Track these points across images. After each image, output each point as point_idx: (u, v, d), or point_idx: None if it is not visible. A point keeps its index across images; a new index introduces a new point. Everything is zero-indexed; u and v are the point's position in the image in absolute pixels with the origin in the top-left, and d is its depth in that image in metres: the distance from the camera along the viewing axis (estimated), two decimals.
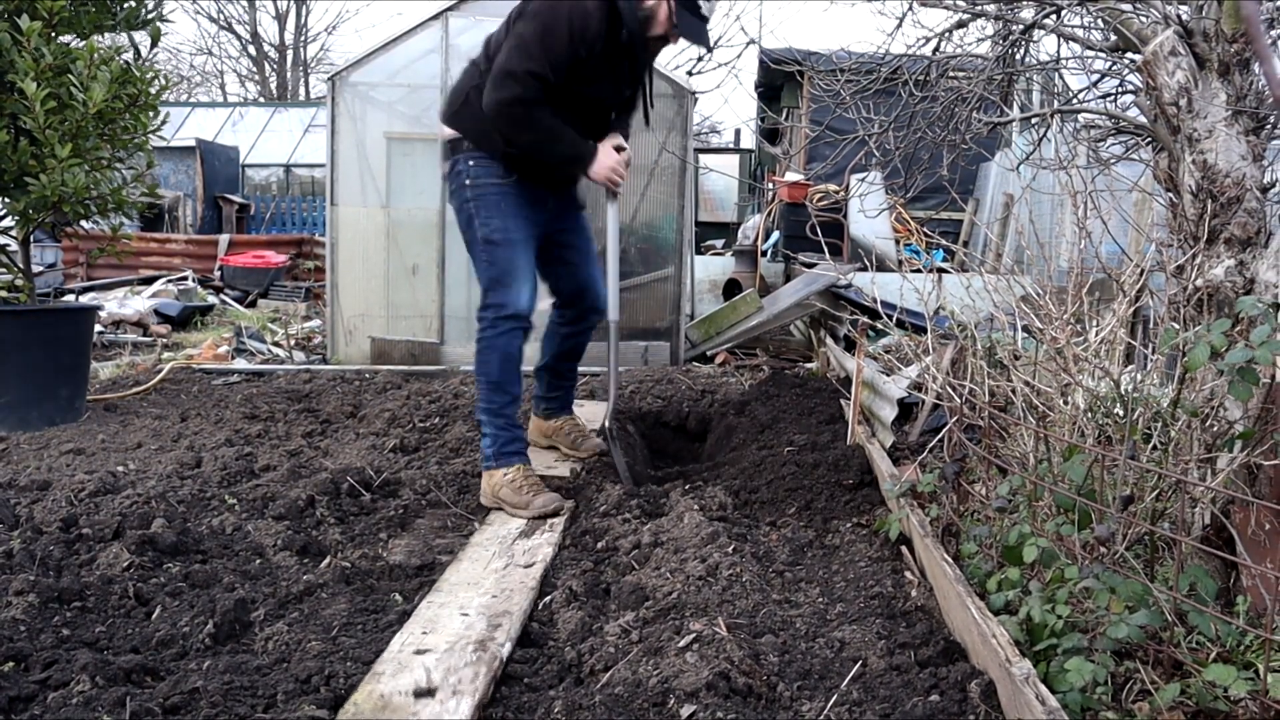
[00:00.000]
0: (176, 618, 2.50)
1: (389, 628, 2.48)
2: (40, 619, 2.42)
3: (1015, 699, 1.89)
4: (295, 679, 2.14)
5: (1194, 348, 2.12)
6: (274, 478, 3.77)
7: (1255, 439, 2.27)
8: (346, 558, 3.01)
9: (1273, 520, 2.24)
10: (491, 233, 3.51)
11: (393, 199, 7.62)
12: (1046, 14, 3.51)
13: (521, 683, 2.25)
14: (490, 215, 3.51)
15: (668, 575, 2.72)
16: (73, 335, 5.27)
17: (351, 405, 5.32)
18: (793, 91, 13.15)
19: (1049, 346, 2.85)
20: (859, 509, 3.37)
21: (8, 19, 4.79)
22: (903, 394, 4.18)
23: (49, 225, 5.55)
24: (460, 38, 7.66)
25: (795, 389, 5.47)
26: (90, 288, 12.01)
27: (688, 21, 3.50)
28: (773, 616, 2.50)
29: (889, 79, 4.46)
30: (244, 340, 8.54)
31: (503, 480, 3.49)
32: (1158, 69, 2.71)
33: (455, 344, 7.70)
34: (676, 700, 2.02)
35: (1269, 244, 2.55)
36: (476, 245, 3.55)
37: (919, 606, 2.54)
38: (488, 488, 3.55)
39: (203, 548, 3.02)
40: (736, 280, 9.57)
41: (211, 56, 45.26)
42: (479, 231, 3.52)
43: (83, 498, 3.37)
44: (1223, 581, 2.37)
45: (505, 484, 3.48)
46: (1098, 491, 2.32)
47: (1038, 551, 2.29)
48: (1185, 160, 2.70)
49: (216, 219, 19.17)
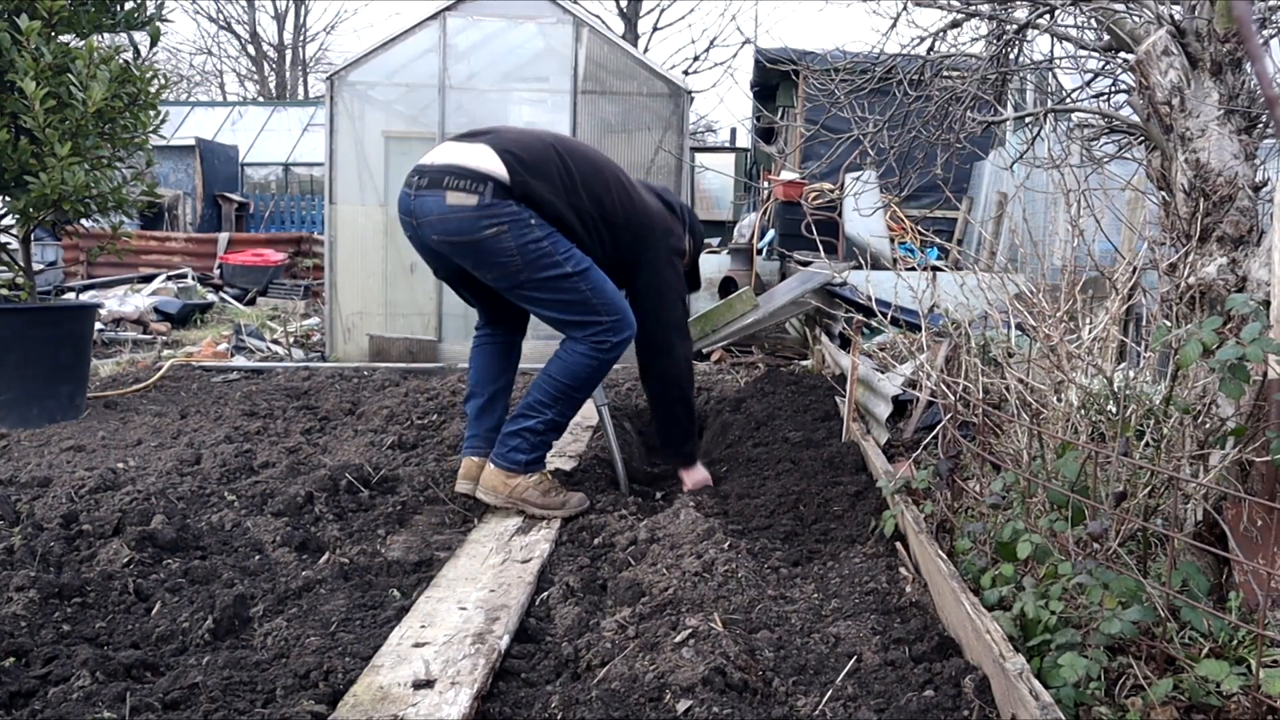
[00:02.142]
0: (176, 613, 2.51)
1: (387, 623, 2.50)
2: (41, 614, 2.43)
3: (1009, 694, 1.91)
4: (294, 674, 2.15)
5: (1186, 345, 2.13)
6: (273, 474, 3.78)
7: (1247, 436, 2.28)
8: (345, 554, 3.03)
9: (1264, 516, 2.25)
10: (579, 263, 3.45)
11: (391, 197, 7.64)
12: (1040, 14, 3.52)
13: (519, 678, 2.26)
14: (568, 250, 3.43)
15: (664, 571, 2.73)
16: (73, 333, 5.28)
17: (350, 402, 5.33)
18: (788, 91, 13.17)
19: (1043, 344, 2.86)
20: (854, 505, 3.38)
21: (7, 18, 4.80)
22: (897, 391, 4.20)
23: (49, 223, 5.56)
24: (458, 37, 7.68)
25: (790, 386, 5.49)
26: (90, 285, 12.03)
27: None
28: (768, 612, 2.51)
29: (884, 78, 4.48)
30: (243, 338, 8.56)
31: (529, 483, 3.50)
32: (1150, 68, 2.73)
33: (453, 341, 7.72)
34: (673, 695, 2.03)
35: (1261, 242, 2.56)
36: (565, 280, 3.43)
37: (913, 602, 2.55)
38: (504, 490, 3.50)
39: (202, 544, 3.04)
40: (732, 278, 9.58)
41: (211, 56, 45.31)
42: (567, 266, 3.42)
43: (83, 494, 3.38)
44: (1215, 577, 2.38)
45: (532, 486, 3.49)
46: (1091, 488, 2.33)
47: (1031, 548, 2.30)
48: (1178, 159, 2.71)
49: (216, 217, 19.19)
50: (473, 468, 3.65)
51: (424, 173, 3.42)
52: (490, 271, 3.43)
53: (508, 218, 3.33)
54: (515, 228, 3.33)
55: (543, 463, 3.61)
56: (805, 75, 8.24)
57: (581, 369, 3.51)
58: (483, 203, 3.32)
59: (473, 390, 3.84)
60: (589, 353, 3.50)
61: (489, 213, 3.32)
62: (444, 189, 3.34)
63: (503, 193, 3.34)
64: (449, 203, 3.33)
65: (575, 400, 3.58)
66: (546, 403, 3.53)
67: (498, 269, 3.40)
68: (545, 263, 3.39)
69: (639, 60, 8.03)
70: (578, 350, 3.51)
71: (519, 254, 3.36)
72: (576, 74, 7.80)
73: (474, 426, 3.78)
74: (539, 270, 3.39)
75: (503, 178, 3.33)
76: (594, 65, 7.85)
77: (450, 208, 3.33)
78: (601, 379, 3.63)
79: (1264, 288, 2.43)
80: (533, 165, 3.41)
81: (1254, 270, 2.52)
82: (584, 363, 3.50)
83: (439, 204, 3.35)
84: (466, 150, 3.41)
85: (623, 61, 7.93)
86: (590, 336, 3.50)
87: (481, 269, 3.44)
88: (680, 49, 59.64)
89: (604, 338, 3.49)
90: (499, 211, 3.32)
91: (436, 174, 3.38)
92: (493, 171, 3.34)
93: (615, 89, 7.91)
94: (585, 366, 3.51)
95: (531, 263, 3.37)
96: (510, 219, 3.33)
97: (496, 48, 7.93)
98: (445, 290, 7.69)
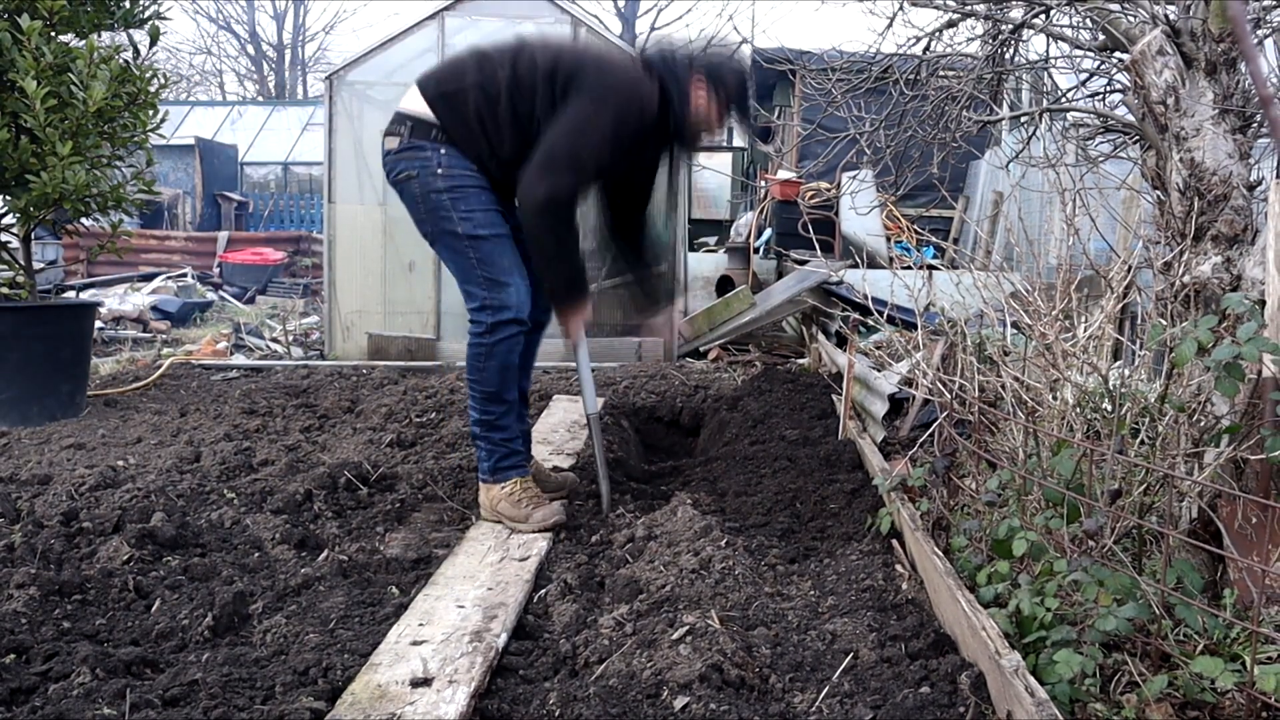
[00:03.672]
0: (176, 610, 2.52)
1: (386, 620, 2.51)
2: (41, 612, 2.44)
3: (1005, 690, 1.92)
4: (293, 671, 2.17)
5: (1181, 344, 2.14)
6: (272, 472, 3.79)
7: (1242, 434, 2.29)
8: (344, 551, 3.03)
9: (1259, 514, 2.26)
10: (476, 227, 3.25)
11: (390, 196, 7.63)
12: (1035, 14, 3.53)
13: (517, 674, 2.27)
14: (471, 209, 3.25)
15: (661, 569, 2.74)
16: (73, 331, 5.29)
17: (349, 400, 5.34)
18: (785, 90, 13.18)
19: (1038, 342, 2.88)
20: (850, 503, 3.39)
21: (8, 18, 4.81)
22: (894, 389, 4.21)
23: (50, 222, 5.57)
24: (456, 37, 7.68)
25: (787, 384, 5.49)
26: (91, 284, 12.03)
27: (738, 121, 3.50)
28: (765, 609, 2.52)
29: (880, 78, 4.49)
30: (242, 336, 8.58)
31: (501, 494, 3.34)
32: (1145, 68, 2.74)
33: (451, 340, 7.72)
34: (670, 692, 2.04)
35: (1255, 241, 2.57)
36: (456, 240, 3.27)
37: (910, 599, 2.56)
38: (486, 502, 3.38)
39: (202, 541, 3.05)
40: (729, 277, 9.61)
41: (210, 55, 45.22)
42: (459, 226, 3.24)
43: (83, 492, 3.39)
44: (1210, 575, 2.40)
45: (504, 498, 3.33)
46: (1086, 486, 2.34)
47: (1027, 545, 2.31)
48: (1173, 158, 2.73)
49: (215, 216, 19.20)
50: None
51: None
52: (414, 222, 3.39)
53: (418, 163, 3.25)
54: (423, 174, 3.25)
55: (515, 467, 3.40)
56: (802, 75, 8.25)
57: (472, 358, 3.31)
58: (402, 145, 3.27)
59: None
60: (471, 339, 3.31)
61: (405, 156, 3.27)
62: (385, 135, 3.35)
63: (422, 132, 3.26)
64: (385, 148, 3.34)
65: (486, 394, 3.32)
66: (473, 404, 3.38)
67: (415, 218, 3.36)
68: (441, 216, 3.26)
69: None
70: (469, 340, 3.33)
71: (422, 203, 3.28)
72: None
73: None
74: (437, 223, 3.29)
75: (421, 114, 3.26)
76: None
77: (385, 153, 3.33)
78: (503, 370, 3.30)
79: (1258, 286, 2.44)
80: (444, 78, 3.33)
81: (1248, 269, 2.53)
82: (472, 352, 3.31)
83: (383, 150, 3.36)
84: (405, 93, 3.38)
85: None
86: (472, 311, 3.30)
87: (411, 216, 3.39)
88: None
89: (479, 316, 3.28)
90: (414, 156, 3.25)
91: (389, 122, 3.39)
92: (411, 110, 3.28)
93: None
94: (474, 355, 3.30)
95: (432, 213, 3.28)
96: (420, 165, 3.25)
97: None
98: (444, 289, 7.71)
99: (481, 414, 3.34)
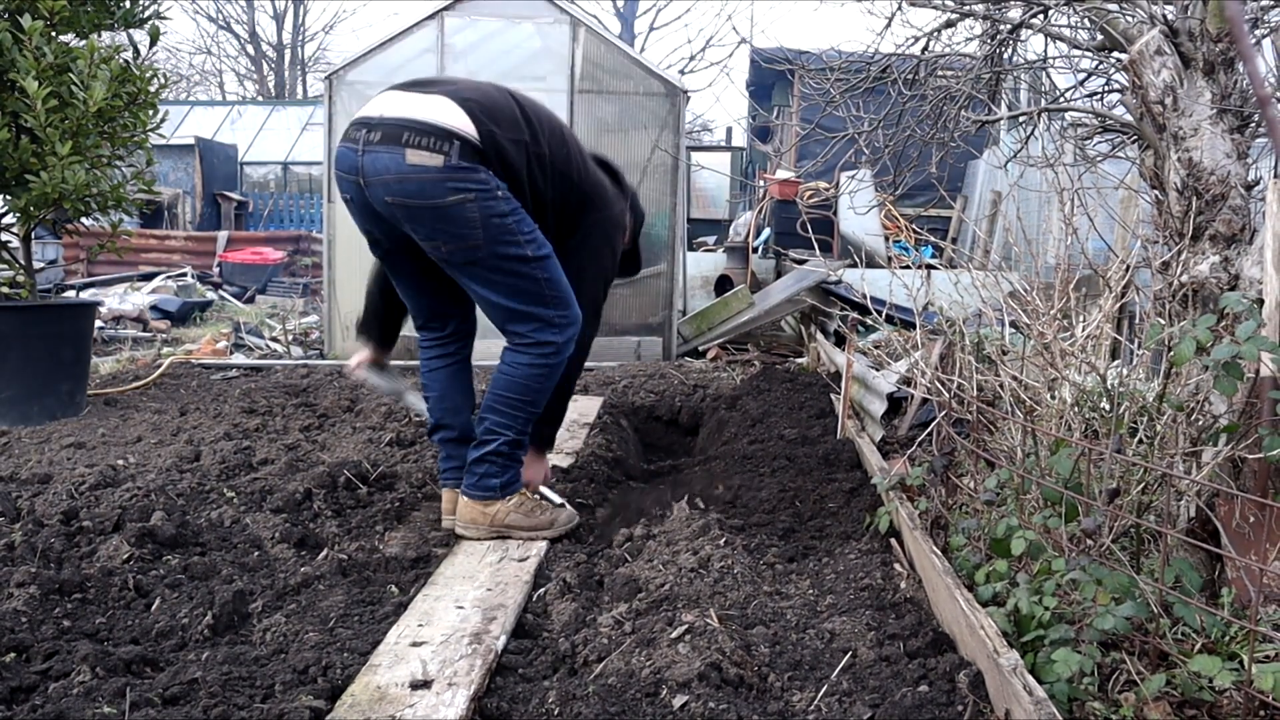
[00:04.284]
0: (176, 609, 2.53)
1: (385, 619, 2.51)
2: (41, 610, 2.45)
3: (1003, 689, 1.92)
4: (293, 670, 2.17)
5: (1180, 343, 2.15)
6: (272, 471, 3.80)
7: (1240, 433, 2.30)
8: (343, 550, 3.04)
9: (1257, 513, 2.27)
10: (541, 247, 3.13)
11: None
12: (1034, 13, 3.53)
13: (516, 673, 2.27)
14: (532, 230, 3.12)
15: (660, 567, 2.74)
16: (73, 331, 5.30)
17: (348, 399, 5.34)
18: (783, 90, 13.22)
19: (1036, 342, 2.88)
20: (849, 502, 3.39)
21: (9, 18, 4.82)
22: (892, 389, 4.22)
23: (50, 222, 5.58)
24: (455, 37, 7.69)
25: (786, 384, 5.50)
26: (91, 284, 12.03)
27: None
28: (764, 608, 2.52)
29: (878, 78, 4.49)
30: (242, 336, 8.58)
31: (508, 508, 3.24)
32: (1143, 68, 2.74)
33: None
34: (669, 690, 2.04)
35: (1253, 240, 2.58)
36: (523, 264, 3.11)
37: (908, 598, 2.57)
38: (484, 519, 3.23)
39: (201, 540, 3.05)
40: (728, 276, 9.62)
41: (210, 55, 45.21)
42: (527, 249, 3.09)
43: (83, 491, 3.39)
44: (1208, 574, 2.40)
45: (512, 510, 3.24)
46: (1084, 485, 2.34)
47: (1025, 544, 2.31)
48: (1171, 158, 2.73)
49: (215, 216, 19.19)
50: (454, 499, 3.36)
51: (373, 125, 3.01)
52: (446, 243, 3.06)
53: (476, 185, 2.99)
54: (483, 197, 3.00)
55: (519, 481, 3.32)
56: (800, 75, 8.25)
57: (532, 380, 3.20)
58: (449, 164, 2.95)
59: (440, 420, 3.46)
60: (534, 361, 3.19)
61: (456, 177, 2.96)
62: (403, 145, 2.94)
63: (470, 154, 2.99)
64: (410, 162, 2.94)
65: (533, 412, 3.27)
66: (505, 423, 3.22)
67: (455, 241, 3.04)
68: (507, 239, 3.05)
69: (635, 60, 8.04)
70: (521, 361, 3.19)
71: (482, 226, 3.01)
72: (573, 73, 7.81)
73: (451, 458, 3.45)
74: (499, 246, 3.05)
75: (471, 136, 2.99)
76: (591, 65, 7.86)
77: (411, 167, 2.94)
78: (555, 383, 3.28)
79: (1256, 286, 2.45)
80: (500, 121, 3.09)
81: (1246, 268, 2.54)
82: (532, 374, 3.20)
83: (396, 162, 2.94)
84: (425, 102, 3.03)
85: (619, 61, 7.94)
86: (533, 332, 3.17)
87: (435, 239, 3.06)
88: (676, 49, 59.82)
89: (548, 336, 3.17)
90: (468, 177, 2.98)
91: (393, 128, 2.97)
92: (460, 129, 2.98)
93: (612, 88, 7.92)
94: (534, 377, 3.20)
95: (494, 238, 3.04)
96: (479, 187, 2.99)
97: (494, 47, 7.93)
98: None
99: (518, 434, 3.25)
